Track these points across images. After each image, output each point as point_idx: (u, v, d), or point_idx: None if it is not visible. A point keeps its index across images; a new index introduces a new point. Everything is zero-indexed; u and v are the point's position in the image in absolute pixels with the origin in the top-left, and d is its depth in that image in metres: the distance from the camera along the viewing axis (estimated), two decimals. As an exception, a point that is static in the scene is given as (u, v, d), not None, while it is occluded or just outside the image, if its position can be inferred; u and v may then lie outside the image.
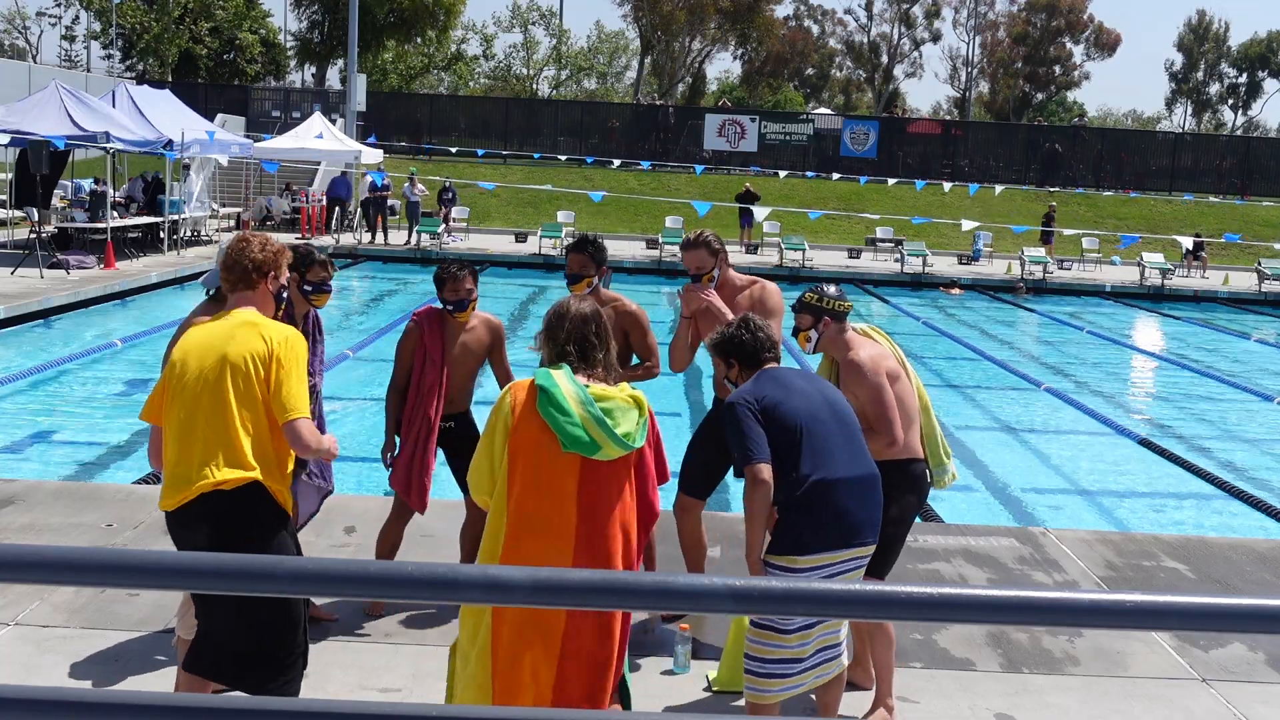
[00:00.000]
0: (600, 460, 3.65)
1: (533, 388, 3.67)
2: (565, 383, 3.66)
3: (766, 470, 4.07)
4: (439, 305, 5.71)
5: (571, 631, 3.65)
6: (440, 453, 5.74)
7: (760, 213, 25.62)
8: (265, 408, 3.82)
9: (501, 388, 5.24)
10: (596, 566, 3.64)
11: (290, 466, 3.99)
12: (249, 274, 4.00)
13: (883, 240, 29.70)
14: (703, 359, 5.42)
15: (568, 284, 5.68)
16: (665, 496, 4.23)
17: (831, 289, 4.85)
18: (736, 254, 25.62)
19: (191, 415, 3.82)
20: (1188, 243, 27.03)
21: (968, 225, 25.64)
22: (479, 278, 5.79)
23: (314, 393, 5.14)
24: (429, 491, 5.70)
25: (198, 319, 4.53)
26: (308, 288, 5.35)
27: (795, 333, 4.92)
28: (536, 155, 38.36)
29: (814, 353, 4.94)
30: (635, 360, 5.71)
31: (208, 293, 4.70)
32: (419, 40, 57.66)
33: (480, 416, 4.66)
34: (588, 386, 3.68)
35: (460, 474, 5.53)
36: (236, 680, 3.97)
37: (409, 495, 5.65)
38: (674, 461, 10.45)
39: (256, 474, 3.79)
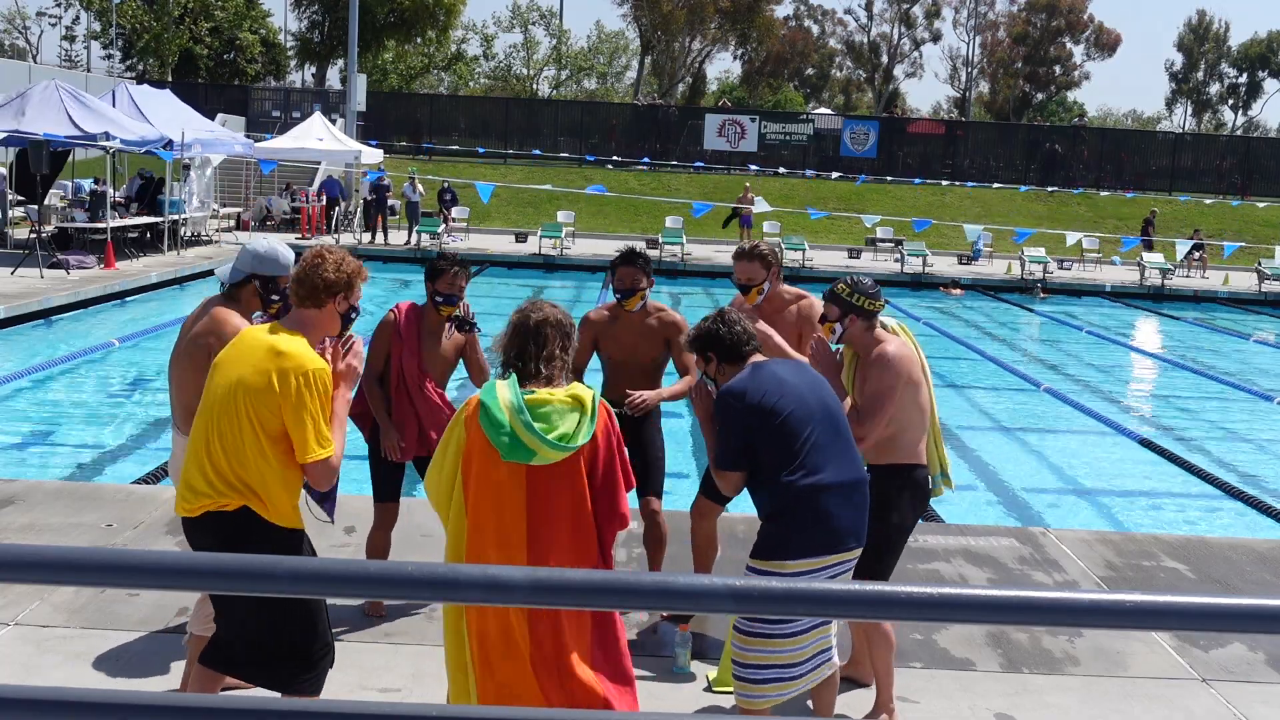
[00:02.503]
0: (545, 466, 3.63)
1: (479, 402, 3.70)
2: (503, 393, 3.66)
3: (733, 479, 4.18)
4: (419, 303, 5.70)
5: (537, 640, 3.64)
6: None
7: (760, 211, 25.62)
8: (275, 437, 3.76)
9: (477, 384, 5.24)
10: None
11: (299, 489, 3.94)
12: (318, 293, 3.89)
13: (883, 240, 29.70)
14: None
15: (619, 299, 5.65)
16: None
17: (867, 283, 4.72)
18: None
19: (208, 427, 3.82)
20: (1183, 249, 27.10)
21: (971, 231, 25.61)
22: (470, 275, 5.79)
23: None
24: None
25: (227, 316, 4.51)
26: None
27: (822, 320, 4.84)
28: (536, 152, 38.37)
29: (838, 343, 4.82)
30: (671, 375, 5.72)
31: (222, 286, 4.66)
32: (419, 40, 57.65)
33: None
34: (531, 393, 3.66)
35: None
36: (257, 677, 3.96)
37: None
38: (676, 460, 10.43)
39: (251, 502, 3.78)
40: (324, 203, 28.67)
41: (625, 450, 3.87)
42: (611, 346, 5.70)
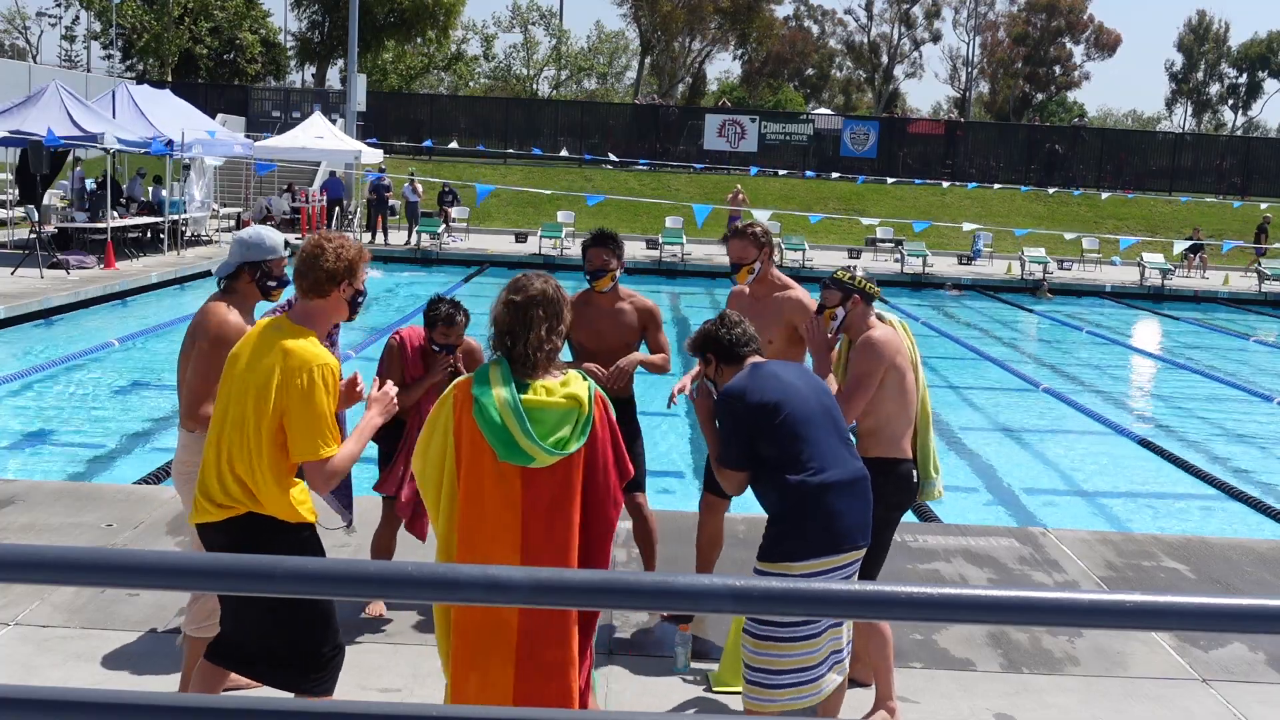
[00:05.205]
0: (540, 467, 3.55)
1: (470, 392, 3.58)
2: (498, 388, 3.54)
3: (737, 478, 4.23)
4: (419, 327, 5.68)
5: (526, 635, 3.56)
6: None
7: (760, 214, 25.60)
8: (279, 434, 3.73)
9: None
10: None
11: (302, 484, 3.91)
12: (322, 284, 3.85)
13: (883, 240, 29.71)
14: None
15: (589, 280, 5.65)
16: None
17: (861, 271, 4.90)
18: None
19: (220, 427, 3.82)
20: (1181, 247, 27.10)
21: (969, 228, 25.58)
22: (470, 316, 5.71)
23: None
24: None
25: (215, 308, 4.47)
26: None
27: (820, 310, 4.94)
28: (536, 150, 38.36)
29: (838, 332, 4.91)
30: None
31: (219, 283, 4.64)
32: (419, 40, 57.65)
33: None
34: (528, 385, 3.56)
35: None
36: (269, 677, 3.95)
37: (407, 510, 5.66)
38: (675, 460, 10.41)
39: (259, 506, 3.76)
40: (325, 202, 28.68)
41: (621, 438, 3.79)
42: (582, 333, 5.65)
